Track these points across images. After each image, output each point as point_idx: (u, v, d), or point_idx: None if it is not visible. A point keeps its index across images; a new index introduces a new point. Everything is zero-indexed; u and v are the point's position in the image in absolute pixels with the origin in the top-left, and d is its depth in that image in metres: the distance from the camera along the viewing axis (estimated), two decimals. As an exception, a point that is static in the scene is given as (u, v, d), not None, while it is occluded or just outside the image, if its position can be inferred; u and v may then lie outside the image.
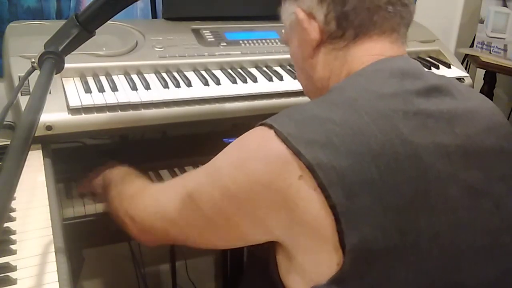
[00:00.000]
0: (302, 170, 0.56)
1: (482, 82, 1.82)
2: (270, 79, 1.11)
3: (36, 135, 0.55)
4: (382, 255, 0.56)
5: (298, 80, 0.83)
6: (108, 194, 0.89)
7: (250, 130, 0.63)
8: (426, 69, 0.70)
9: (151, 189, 0.80)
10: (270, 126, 0.60)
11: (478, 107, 0.68)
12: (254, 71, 1.15)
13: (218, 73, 1.12)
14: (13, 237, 0.66)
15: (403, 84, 0.64)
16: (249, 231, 0.64)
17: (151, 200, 0.76)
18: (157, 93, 1.00)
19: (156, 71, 1.08)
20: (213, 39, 1.21)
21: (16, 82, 0.95)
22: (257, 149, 0.60)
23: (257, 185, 0.59)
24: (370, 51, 0.69)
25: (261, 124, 0.62)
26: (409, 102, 0.62)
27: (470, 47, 1.84)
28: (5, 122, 0.81)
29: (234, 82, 1.08)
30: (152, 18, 1.43)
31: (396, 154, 0.57)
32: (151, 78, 1.05)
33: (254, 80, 1.10)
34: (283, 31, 0.81)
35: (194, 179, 0.69)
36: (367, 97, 0.62)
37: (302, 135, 0.57)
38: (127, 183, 0.87)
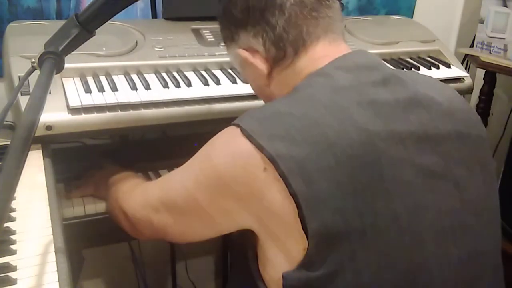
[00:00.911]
0: (265, 162, 0.61)
1: (482, 82, 1.82)
2: (270, 79, 1.11)
3: (36, 135, 0.55)
4: (343, 238, 0.60)
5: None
6: (107, 195, 0.92)
7: (221, 131, 0.69)
8: (383, 61, 0.75)
9: (143, 185, 0.86)
10: (237, 125, 0.65)
11: (436, 94, 0.72)
12: (254, 71, 1.14)
13: (218, 73, 1.12)
14: (13, 237, 0.66)
15: (359, 76, 0.69)
16: (221, 221, 0.69)
17: (140, 194, 0.82)
18: (157, 93, 1.00)
19: (156, 71, 1.08)
20: (213, 39, 1.21)
21: (16, 82, 0.95)
22: (225, 146, 0.66)
23: (226, 178, 0.64)
24: (315, 56, 0.73)
25: (231, 125, 0.67)
26: (364, 92, 0.67)
27: (470, 47, 1.84)
28: (5, 122, 0.81)
29: (234, 82, 1.08)
30: (152, 18, 1.43)
31: (351, 141, 0.62)
32: (151, 78, 1.05)
33: (254, 80, 1.10)
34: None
35: (174, 175, 0.76)
36: (324, 91, 0.67)
37: (264, 130, 0.62)
38: (123, 181, 0.92)
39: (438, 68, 1.33)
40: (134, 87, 0.99)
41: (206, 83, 1.05)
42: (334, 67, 0.70)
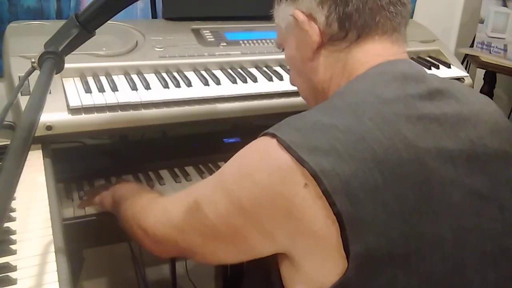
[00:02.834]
0: (307, 178, 0.55)
1: (482, 82, 1.82)
2: (270, 79, 1.11)
3: (36, 135, 0.55)
4: (385, 261, 0.55)
5: (292, 83, 0.82)
6: (120, 209, 0.87)
7: (253, 141, 0.63)
8: (429, 72, 0.69)
9: (161, 200, 0.80)
10: (273, 135, 0.59)
11: (482, 110, 0.67)
12: (254, 71, 1.15)
13: (218, 73, 1.12)
14: (13, 237, 0.66)
15: (405, 88, 0.63)
16: (257, 243, 0.63)
17: (160, 211, 0.76)
18: (157, 93, 1.00)
19: (156, 71, 1.08)
20: (213, 39, 1.21)
21: (16, 82, 0.95)
22: (260, 160, 0.60)
23: (263, 196, 0.58)
24: (372, 52, 0.68)
25: (264, 134, 0.61)
26: (412, 106, 0.61)
27: (470, 47, 1.84)
28: (5, 122, 0.81)
29: (234, 82, 1.08)
30: (152, 18, 1.43)
31: (400, 159, 0.57)
32: (151, 78, 1.05)
33: (254, 80, 1.10)
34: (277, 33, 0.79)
35: (201, 191, 0.68)
36: (370, 101, 0.61)
37: (305, 142, 0.57)
38: (137, 196, 0.86)
39: (438, 68, 1.33)
40: (134, 87, 0.99)
41: (206, 83, 1.05)
42: (381, 72, 0.66)
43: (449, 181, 0.59)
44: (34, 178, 0.81)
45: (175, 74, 1.08)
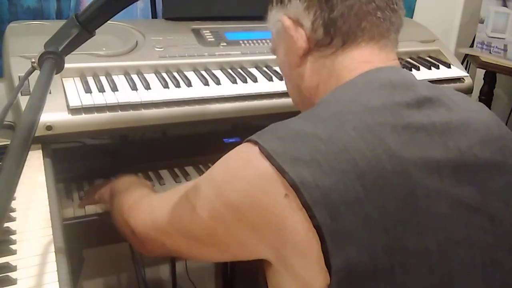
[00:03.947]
0: (287, 188, 0.54)
1: (482, 82, 1.82)
2: (270, 79, 1.11)
3: (36, 135, 0.55)
4: (369, 276, 0.54)
5: (287, 90, 0.81)
6: (112, 206, 0.88)
7: (236, 147, 0.62)
8: (418, 80, 0.67)
9: (149, 200, 0.80)
10: (255, 143, 0.58)
11: (473, 118, 0.65)
12: (254, 71, 1.15)
13: (218, 73, 1.12)
14: (13, 237, 0.66)
15: (393, 96, 0.62)
16: (237, 250, 0.62)
17: (147, 212, 0.76)
18: (157, 93, 1.00)
19: (156, 71, 1.08)
20: (213, 39, 1.21)
21: (16, 82, 0.95)
22: (241, 167, 0.59)
23: (243, 205, 0.57)
24: (359, 59, 0.67)
25: (247, 141, 0.60)
26: (398, 115, 0.60)
27: (470, 47, 1.84)
28: (5, 122, 0.81)
29: (234, 82, 1.08)
30: (152, 18, 1.43)
31: (383, 171, 0.55)
32: (151, 78, 1.05)
33: (254, 80, 1.10)
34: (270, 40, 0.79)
35: (185, 195, 0.67)
36: (355, 110, 0.60)
37: (287, 152, 0.56)
38: (127, 194, 0.86)
39: (438, 68, 1.32)
40: (134, 87, 0.99)
41: (206, 83, 1.05)
42: (368, 80, 0.65)
43: (435, 192, 0.57)
44: (34, 178, 0.81)
45: (175, 74, 1.08)
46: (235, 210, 0.58)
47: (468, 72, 1.39)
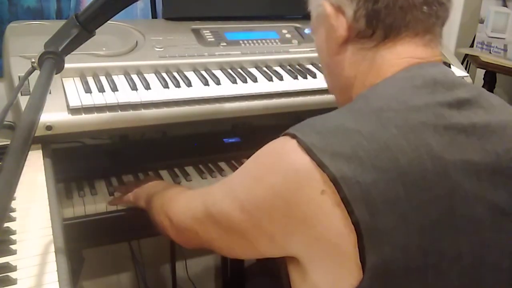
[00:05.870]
0: (325, 183, 0.53)
1: (482, 82, 1.81)
2: (270, 79, 1.11)
3: (36, 135, 0.55)
4: (401, 275, 0.54)
5: (323, 75, 0.79)
6: (152, 202, 0.90)
7: (272, 140, 0.61)
8: (459, 79, 0.66)
9: (188, 192, 0.83)
10: (293, 136, 0.57)
11: (510, 122, 0.64)
12: (254, 71, 1.15)
13: (218, 73, 1.12)
14: (13, 237, 0.66)
15: (435, 95, 0.60)
16: (266, 245, 0.62)
17: (184, 202, 0.78)
18: (157, 93, 1.00)
19: (156, 71, 1.08)
20: (213, 39, 1.21)
21: (16, 82, 0.95)
22: (277, 161, 0.58)
23: (275, 200, 0.57)
24: (401, 54, 0.65)
25: (284, 134, 0.59)
26: (440, 115, 0.59)
27: (470, 47, 1.84)
28: (5, 122, 0.81)
29: (234, 82, 1.08)
30: (152, 18, 1.43)
31: (424, 171, 0.55)
32: (151, 78, 1.05)
33: (254, 80, 1.10)
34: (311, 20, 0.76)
35: (214, 192, 0.69)
36: (396, 108, 0.58)
37: (327, 146, 0.54)
38: (167, 190, 0.89)
39: (438, 68, 1.32)
40: (134, 87, 0.99)
41: (206, 83, 1.05)
42: (410, 76, 0.63)
43: (472, 195, 0.57)
44: (34, 178, 0.81)
45: (175, 74, 1.08)
46: (266, 205, 0.58)
47: (468, 72, 1.39)
